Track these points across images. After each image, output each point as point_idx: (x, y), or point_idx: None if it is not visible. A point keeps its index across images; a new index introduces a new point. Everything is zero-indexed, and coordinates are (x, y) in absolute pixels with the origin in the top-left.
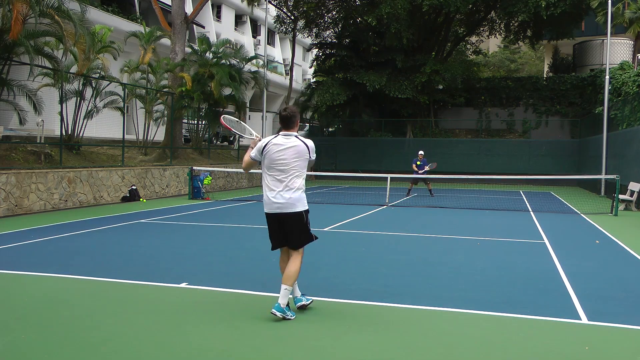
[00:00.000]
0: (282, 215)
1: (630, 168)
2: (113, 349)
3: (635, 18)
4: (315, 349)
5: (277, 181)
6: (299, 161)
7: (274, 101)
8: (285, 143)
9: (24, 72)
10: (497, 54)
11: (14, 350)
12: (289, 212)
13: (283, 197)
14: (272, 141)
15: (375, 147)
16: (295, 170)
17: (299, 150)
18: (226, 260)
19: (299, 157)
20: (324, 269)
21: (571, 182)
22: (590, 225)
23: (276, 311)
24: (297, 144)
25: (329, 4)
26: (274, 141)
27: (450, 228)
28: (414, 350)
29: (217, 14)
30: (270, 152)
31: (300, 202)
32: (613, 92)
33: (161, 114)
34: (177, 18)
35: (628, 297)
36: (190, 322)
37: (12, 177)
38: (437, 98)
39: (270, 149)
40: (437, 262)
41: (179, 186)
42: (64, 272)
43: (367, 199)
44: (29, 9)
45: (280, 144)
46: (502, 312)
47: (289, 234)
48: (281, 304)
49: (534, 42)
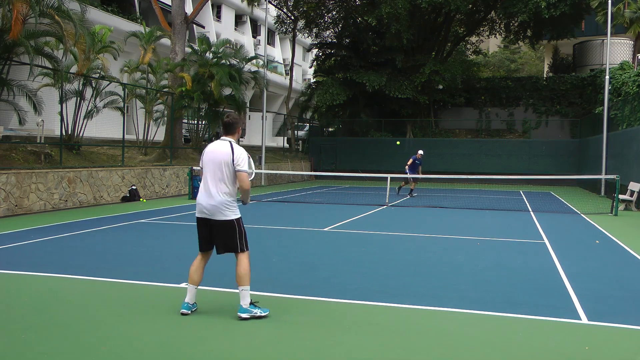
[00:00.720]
0: (210, 221)
1: (630, 168)
2: (113, 349)
3: (636, 18)
4: (315, 349)
5: (206, 185)
6: (223, 168)
7: (274, 101)
8: (216, 149)
9: (24, 72)
10: (497, 54)
11: (14, 350)
12: (215, 219)
13: (208, 202)
14: (209, 145)
15: (375, 147)
16: (221, 176)
17: (226, 157)
18: (226, 261)
19: (224, 164)
20: (324, 269)
21: (571, 182)
22: (590, 225)
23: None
24: (226, 151)
25: (329, 4)
26: (209, 145)
27: (450, 228)
28: (414, 350)
29: (217, 14)
30: (204, 156)
31: (226, 209)
32: (613, 92)
33: (161, 114)
34: (177, 18)
35: (628, 297)
36: (190, 322)
37: (12, 177)
38: (437, 98)
39: (205, 152)
40: (437, 262)
41: (179, 186)
42: (64, 272)
43: (367, 199)
44: (29, 9)
45: (211, 151)
46: (502, 312)
47: (215, 238)
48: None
49: (534, 42)
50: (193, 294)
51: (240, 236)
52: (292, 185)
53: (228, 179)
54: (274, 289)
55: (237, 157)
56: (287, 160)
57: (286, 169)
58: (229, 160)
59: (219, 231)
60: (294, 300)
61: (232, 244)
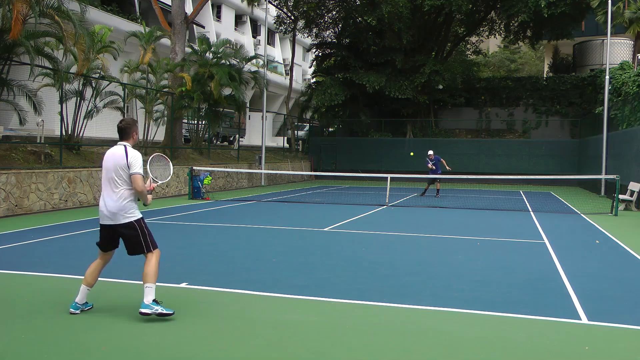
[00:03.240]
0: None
1: (630, 168)
2: (113, 349)
3: (635, 18)
4: (315, 349)
5: (106, 190)
6: (119, 171)
7: (274, 101)
8: (112, 153)
9: (24, 72)
10: (497, 54)
11: (14, 350)
12: (118, 223)
13: (107, 206)
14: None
15: (375, 147)
16: (117, 179)
17: (119, 161)
18: (226, 260)
19: (119, 168)
20: (324, 269)
21: (571, 182)
22: (590, 225)
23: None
24: (119, 154)
25: (329, 4)
26: (107, 151)
27: (450, 228)
28: (414, 350)
29: (217, 14)
30: (103, 161)
31: (124, 212)
32: (613, 92)
33: (161, 114)
34: (177, 18)
35: (628, 297)
36: (190, 322)
37: (12, 177)
38: (437, 98)
39: (104, 158)
40: (437, 262)
41: (179, 186)
42: (64, 272)
43: (367, 199)
44: (29, 9)
45: (108, 155)
46: (502, 312)
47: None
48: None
49: (534, 42)
50: (85, 294)
51: (144, 236)
52: (292, 185)
53: (124, 182)
54: (274, 289)
55: (133, 162)
56: (287, 160)
57: (286, 169)
58: (124, 163)
59: (123, 234)
60: (294, 300)
61: (138, 246)
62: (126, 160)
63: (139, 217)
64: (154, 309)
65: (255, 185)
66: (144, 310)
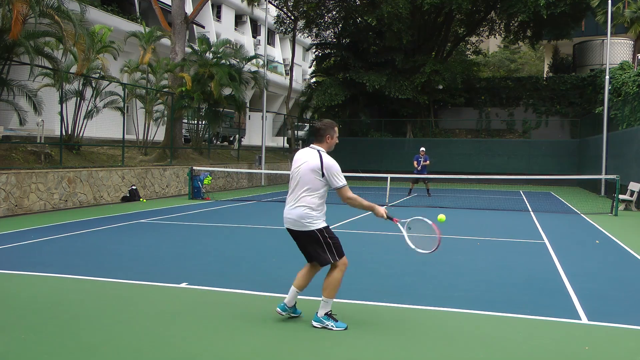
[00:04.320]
0: (294, 232)
1: (630, 168)
2: (113, 349)
3: (636, 18)
4: (315, 349)
5: (291, 195)
6: (311, 177)
7: (274, 101)
8: (301, 158)
9: (24, 72)
10: (497, 54)
11: (14, 350)
12: (298, 230)
13: (291, 213)
14: (298, 151)
15: (375, 147)
16: (306, 186)
17: (312, 166)
18: (226, 260)
19: (312, 173)
20: (324, 269)
21: (571, 182)
22: (590, 225)
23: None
24: (312, 160)
25: (329, 4)
26: (299, 151)
27: (450, 228)
28: (414, 350)
29: (217, 14)
30: (293, 163)
31: (307, 220)
32: (613, 92)
33: (161, 114)
34: (177, 18)
35: (628, 297)
36: (190, 322)
37: (12, 177)
38: (437, 98)
39: (294, 159)
40: (437, 262)
41: (179, 186)
42: (64, 272)
43: (367, 198)
44: (29, 9)
45: (298, 159)
46: (503, 312)
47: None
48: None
49: (534, 42)
50: (293, 296)
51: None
52: None
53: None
54: (275, 289)
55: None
56: (287, 160)
57: (286, 169)
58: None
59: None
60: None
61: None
62: (321, 166)
63: (320, 227)
64: (325, 323)
65: (255, 185)
66: (315, 324)
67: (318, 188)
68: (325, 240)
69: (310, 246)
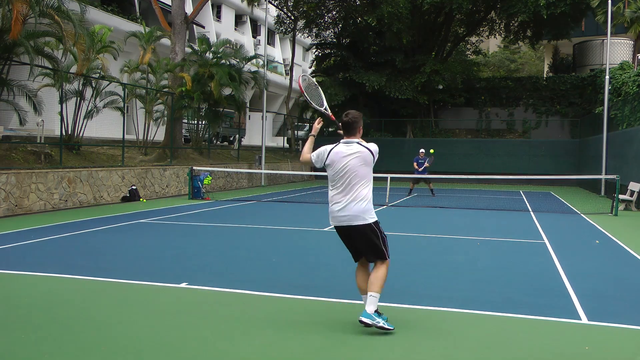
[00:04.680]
0: (351, 228)
1: (630, 168)
2: (113, 349)
3: (636, 18)
4: (316, 349)
5: (342, 193)
6: (365, 170)
7: (274, 101)
8: (345, 154)
9: (24, 72)
10: (497, 54)
11: (14, 350)
12: (358, 224)
13: (349, 209)
14: (334, 150)
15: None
16: (363, 179)
17: (365, 158)
18: (226, 260)
19: (363, 164)
20: (324, 269)
21: (571, 182)
22: (590, 225)
23: (363, 317)
24: (361, 152)
25: (329, 4)
26: (335, 149)
27: (450, 228)
28: (415, 350)
29: (217, 14)
30: (334, 162)
31: (366, 214)
32: (613, 92)
33: (161, 114)
34: (177, 18)
35: (628, 297)
36: (190, 322)
37: (12, 177)
38: (437, 98)
39: (333, 158)
40: (437, 262)
41: (179, 186)
42: (64, 272)
43: None
44: (29, 9)
45: (339, 158)
46: (502, 312)
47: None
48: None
49: (534, 42)
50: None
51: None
52: (292, 185)
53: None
54: (274, 289)
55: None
56: (287, 160)
57: (286, 169)
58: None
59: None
60: (294, 300)
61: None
62: (371, 153)
63: (376, 220)
64: (375, 320)
65: (255, 185)
66: (365, 320)
67: (370, 178)
68: (381, 234)
69: (369, 240)
